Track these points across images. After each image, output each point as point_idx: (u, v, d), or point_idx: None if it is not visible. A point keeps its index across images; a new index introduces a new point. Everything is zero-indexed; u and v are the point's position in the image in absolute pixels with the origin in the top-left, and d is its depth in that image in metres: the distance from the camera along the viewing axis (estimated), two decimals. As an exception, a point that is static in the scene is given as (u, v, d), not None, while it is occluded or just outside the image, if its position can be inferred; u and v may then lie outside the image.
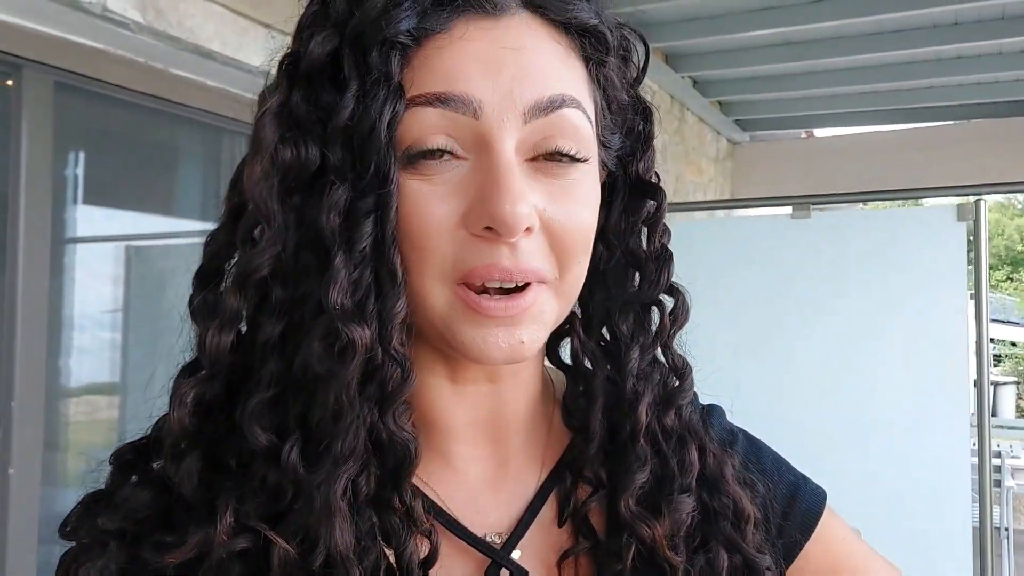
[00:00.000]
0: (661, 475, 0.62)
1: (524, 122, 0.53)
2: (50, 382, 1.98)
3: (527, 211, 0.51)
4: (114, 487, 0.57)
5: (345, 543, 0.51)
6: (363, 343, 0.51)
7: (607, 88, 0.61)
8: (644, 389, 0.63)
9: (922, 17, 3.80)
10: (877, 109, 5.23)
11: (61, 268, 2.05)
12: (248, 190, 0.53)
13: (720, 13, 3.89)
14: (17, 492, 1.86)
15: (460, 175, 0.53)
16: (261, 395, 0.53)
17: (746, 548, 0.63)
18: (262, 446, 0.52)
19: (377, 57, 0.51)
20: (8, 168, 1.86)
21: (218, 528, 0.51)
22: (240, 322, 0.54)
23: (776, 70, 4.63)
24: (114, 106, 2.12)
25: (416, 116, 0.52)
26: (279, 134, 0.52)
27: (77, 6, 1.81)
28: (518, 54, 0.54)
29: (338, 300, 0.50)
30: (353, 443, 0.51)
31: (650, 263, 0.64)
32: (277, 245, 0.52)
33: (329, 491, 0.50)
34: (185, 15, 2.01)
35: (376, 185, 0.51)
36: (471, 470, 0.62)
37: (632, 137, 0.64)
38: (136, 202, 2.33)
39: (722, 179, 5.79)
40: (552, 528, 0.62)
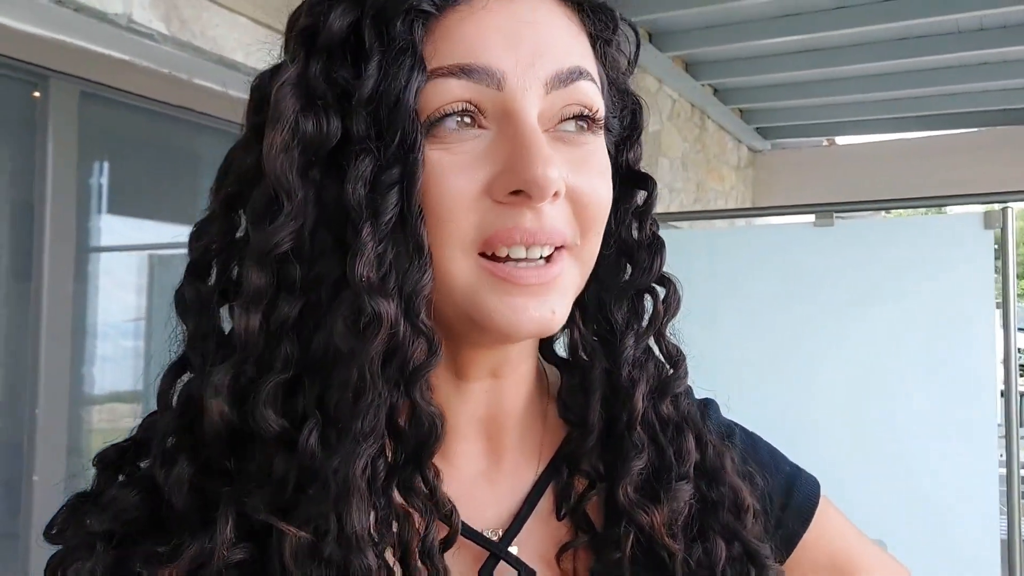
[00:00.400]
0: (659, 463, 0.62)
1: (546, 92, 0.54)
2: (73, 390, 2.00)
3: (557, 174, 0.51)
4: (100, 488, 0.56)
5: (362, 524, 0.49)
6: (388, 317, 0.49)
7: (611, 69, 0.62)
8: (639, 377, 0.63)
9: (947, 23, 3.77)
10: (900, 116, 5.19)
11: (85, 276, 2.07)
12: (267, 163, 0.51)
13: (740, 20, 3.87)
14: (41, 498, 1.87)
15: (482, 146, 0.53)
16: (275, 378, 0.51)
17: (747, 537, 0.63)
18: (273, 433, 0.51)
19: (401, 26, 0.51)
20: (34, 177, 1.89)
21: (217, 541, 0.50)
22: (265, 302, 0.52)
23: (797, 77, 4.60)
24: (139, 116, 2.14)
25: (438, 87, 0.52)
26: (299, 105, 0.52)
27: (103, 18, 1.83)
28: (536, 27, 0.54)
29: (364, 273, 0.49)
30: (374, 422, 0.50)
31: (642, 251, 0.65)
32: (298, 220, 0.51)
33: (348, 471, 0.49)
34: (208, 25, 2.03)
35: (402, 155, 0.51)
36: (467, 466, 0.62)
37: (624, 126, 0.65)
38: (160, 211, 2.35)
39: (743, 187, 5.76)
40: (550, 522, 0.62)
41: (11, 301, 1.90)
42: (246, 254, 0.53)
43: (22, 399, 1.89)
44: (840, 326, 2.34)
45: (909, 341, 2.27)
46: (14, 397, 1.91)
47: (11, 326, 1.91)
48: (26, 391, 1.89)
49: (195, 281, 0.56)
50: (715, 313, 2.33)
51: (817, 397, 2.31)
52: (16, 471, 1.89)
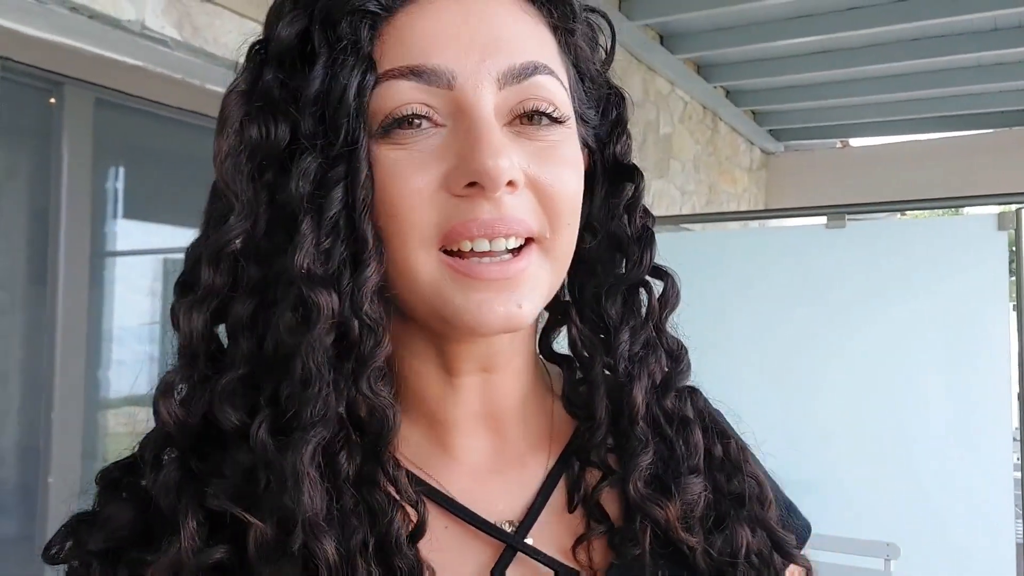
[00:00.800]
0: (668, 457, 0.62)
1: (499, 88, 0.54)
2: (89, 393, 2.01)
3: (508, 164, 0.51)
4: (99, 507, 0.56)
5: (315, 510, 0.49)
6: (329, 307, 0.50)
7: (579, 59, 0.62)
8: (639, 372, 0.63)
9: (961, 23, 3.74)
10: (915, 117, 5.16)
11: (100, 281, 2.09)
12: (216, 168, 0.54)
13: (753, 22, 3.86)
14: (56, 501, 1.89)
15: (438, 142, 0.53)
16: (232, 374, 0.53)
17: (773, 526, 0.63)
18: (232, 426, 0.52)
19: (346, 27, 0.52)
20: (49, 182, 1.90)
21: (182, 535, 0.50)
22: (214, 300, 0.54)
23: (810, 79, 4.59)
24: (152, 121, 2.16)
25: (390, 89, 0.52)
26: (245, 111, 0.53)
27: (117, 24, 1.85)
28: (488, 22, 0.54)
29: (304, 264, 0.50)
30: (323, 410, 0.50)
31: (633, 245, 0.64)
32: (247, 221, 0.53)
33: (296, 457, 0.49)
34: (221, 32, 2.05)
35: (346, 153, 0.51)
36: (474, 461, 0.62)
37: (607, 119, 0.65)
38: (173, 215, 2.37)
39: (756, 189, 5.75)
40: (563, 515, 0.62)
41: (27, 305, 1.92)
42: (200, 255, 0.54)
43: (38, 402, 1.91)
44: (852, 328, 2.33)
45: (922, 343, 2.26)
46: (30, 400, 1.92)
47: (27, 330, 1.93)
48: (42, 395, 1.90)
49: (184, 295, 0.57)
50: (727, 315, 2.32)
51: (829, 399, 2.30)
52: (32, 474, 1.91)
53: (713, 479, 0.63)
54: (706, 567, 0.60)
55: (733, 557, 0.60)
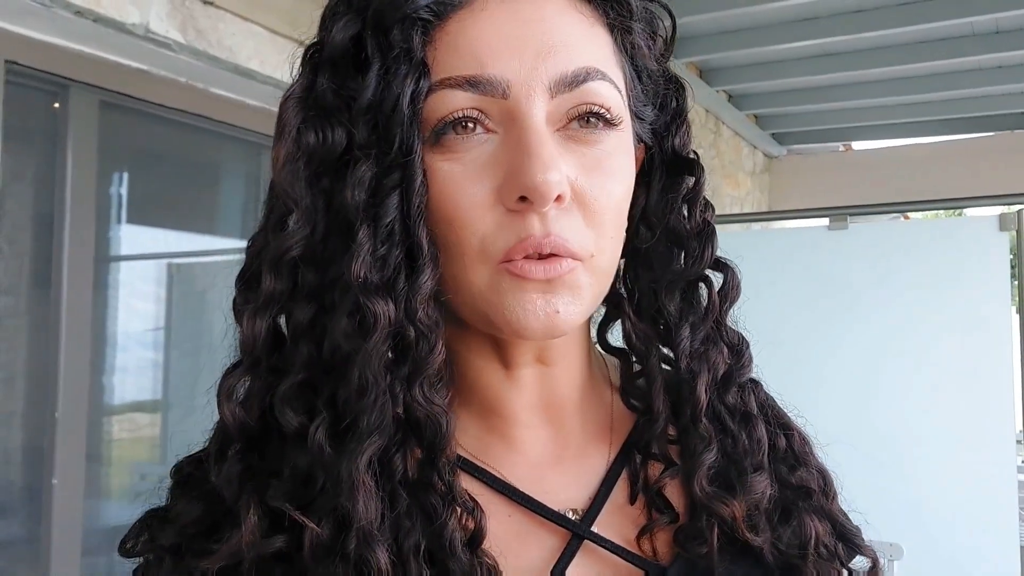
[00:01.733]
0: (732, 452, 0.62)
1: (551, 96, 0.53)
2: (94, 396, 2.02)
3: (558, 177, 0.51)
4: (171, 503, 0.58)
5: (370, 518, 0.50)
6: (386, 316, 0.51)
7: (635, 57, 0.60)
8: (700, 368, 0.62)
9: (962, 26, 3.74)
10: (918, 120, 5.15)
11: (105, 286, 2.10)
12: (274, 175, 0.54)
13: (755, 26, 3.86)
14: (60, 502, 1.89)
15: (490, 151, 0.53)
16: (292, 378, 0.54)
17: (840, 519, 0.63)
18: (293, 429, 0.53)
19: (398, 34, 0.52)
20: (54, 185, 1.91)
21: (243, 528, 0.51)
22: (275, 307, 0.55)
23: (813, 82, 4.58)
24: (157, 125, 2.17)
25: (445, 97, 0.52)
26: (302, 117, 0.54)
27: (121, 28, 1.86)
28: (540, 27, 0.54)
29: (361, 273, 0.51)
30: (379, 419, 0.51)
31: (692, 240, 0.63)
32: (307, 227, 0.53)
33: (352, 465, 0.50)
34: (225, 35, 2.06)
35: (401, 160, 0.52)
36: (534, 452, 0.62)
37: (666, 112, 0.64)
38: (178, 219, 2.38)
39: (759, 193, 5.75)
40: (625, 506, 0.62)
41: (32, 308, 1.93)
42: (263, 261, 0.55)
43: (43, 404, 1.92)
44: (854, 329, 2.33)
45: (925, 345, 2.26)
46: (35, 402, 1.93)
47: (32, 332, 1.93)
48: (47, 396, 1.91)
49: (245, 289, 0.58)
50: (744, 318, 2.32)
51: (832, 400, 2.30)
52: (37, 475, 1.92)
53: (777, 471, 0.63)
54: (774, 561, 0.60)
55: (802, 549, 0.60)
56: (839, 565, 0.62)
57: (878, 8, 3.59)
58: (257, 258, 0.57)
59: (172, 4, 1.94)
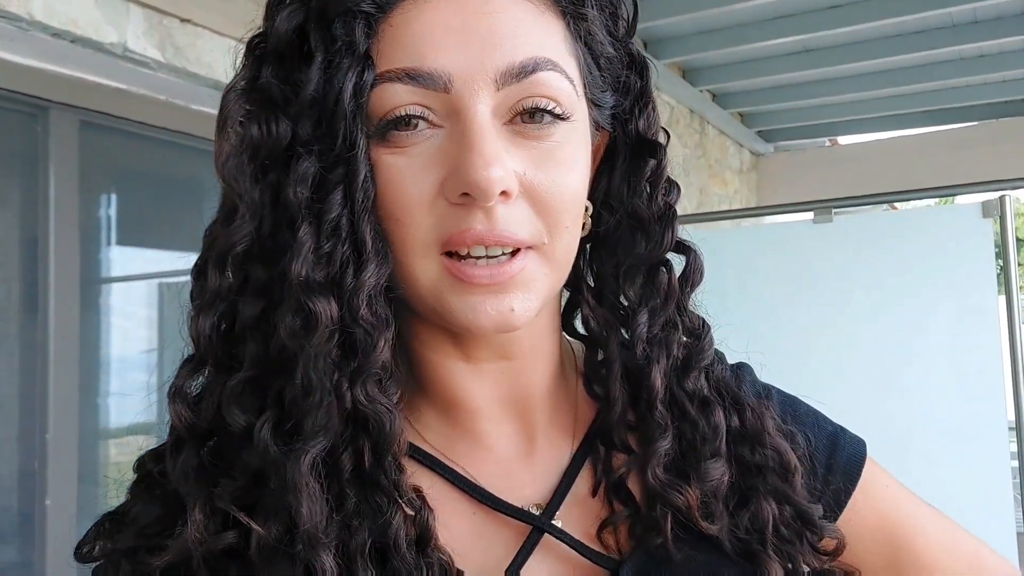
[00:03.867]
0: (691, 437, 0.61)
1: (497, 88, 0.52)
2: (84, 419, 2.01)
3: (500, 174, 0.50)
4: (129, 503, 0.57)
5: (313, 521, 0.49)
6: (327, 314, 0.50)
7: (591, 43, 0.59)
8: (658, 355, 0.61)
9: (941, 17, 3.77)
10: (903, 112, 5.18)
11: (93, 307, 2.09)
12: (217, 169, 0.53)
13: (735, 24, 3.89)
14: (54, 522, 1.89)
15: (436, 145, 0.52)
16: (240, 376, 0.53)
17: (797, 499, 0.61)
18: (240, 427, 0.52)
19: (341, 27, 0.51)
20: (37, 207, 1.91)
21: (189, 525, 0.50)
22: (223, 302, 0.54)
23: (796, 78, 4.61)
24: (139, 143, 2.17)
25: (387, 90, 0.51)
26: (245, 110, 0.53)
27: (99, 48, 1.86)
28: (487, 18, 0.52)
29: (302, 272, 0.50)
30: (324, 419, 0.50)
31: (653, 223, 0.62)
32: (253, 221, 0.52)
33: (295, 468, 0.49)
34: (203, 51, 2.06)
35: (344, 155, 0.51)
36: (500, 446, 0.62)
37: (628, 94, 0.62)
38: (165, 239, 2.37)
39: (747, 191, 5.76)
40: (588, 498, 0.61)
41: (22, 333, 1.92)
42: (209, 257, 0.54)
43: (33, 427, 1.91)
44: (842, 322, 2.34)
45: (912, 334, 2.27)
46: (27, 425, 1.92)
47: (23, 357, 1.93)
48: (36, 418, 1.91)
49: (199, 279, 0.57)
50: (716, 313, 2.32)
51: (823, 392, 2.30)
52: (30, 499, 1.91)
53: (735, 452, 0.62)
54: (732, 548, 0.59)
55: (760, 533, 0.59)
56: (804, 546, 0.61)
57: (854, 3, 3.62)
58: (210, 250, 0.56)
59: (149, 22, 1.95)
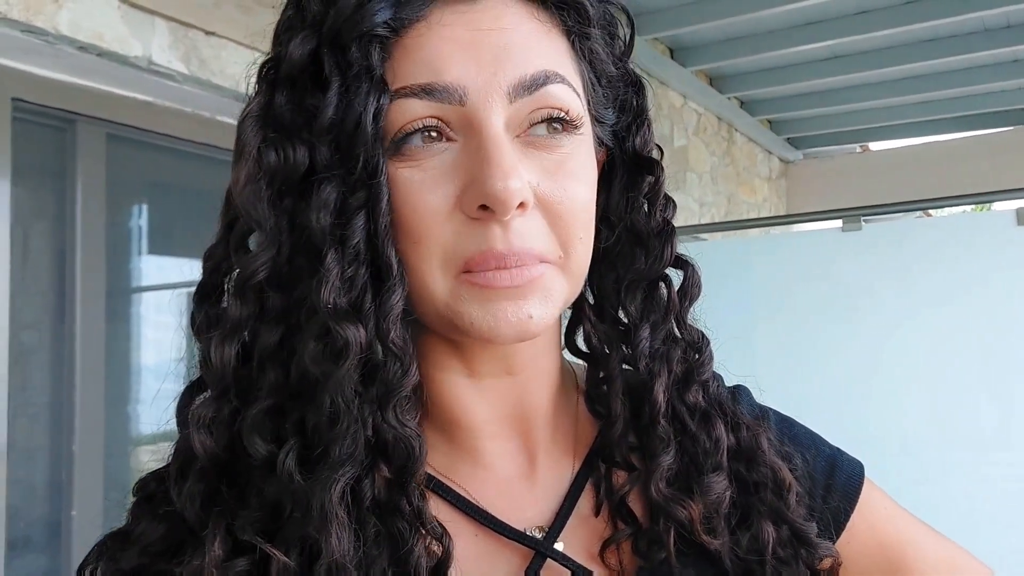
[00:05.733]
0: (692, 452, 0.61)
1: (510, 102, 0.53)
2: (110, 428, 2.03)
3: (519, 185, 0.50)
4: (132, 523, 0.57)
5: (343, 552, 0.49)
6: (358, 342, 0.50)
7: (594, 61, 0.60)
8: (660, 369, 0.61)
9: (974, 21, 3.71)
10: (933, 118, 5.10)
11: (120, 317, 2.11)
12: (235, 196, 0.53)
13: (763, 31, 3.85)
14: (80, 532, 1.90)
15: (451, 159, 0.52)
16: (260, 405, 0.52)
17: (792, 518, 0.61)
18: (261, 457, 0.52)
19: (357, 52, 0.51)
20: (65, 220, 1.93)
21: (207, 557, 0.50)
22: (243, 332, 0.54)
23: (825, 85, 4.56)
24: (164, 155, 2.19)
25: (401, 107, 0.52)
26: (262, 136, 0.53)
27: (125, 61, 1.88)
28: (497, 35, 0.53)
29: (330, 299, 0.50)
30: (352, 448, 0.50)
31: (653, 239, 0.63)
32: (272, 249, 0.52)
33: (325, 497, 0.49)
34: (228, 63, 2.08)
35: (365, 180, 0.51)
36: (501, 466, 0.61)
37: (627, 113, 0.63)
38: (192, 248, 2.39)
39: (776, 198, 5.70)
40: (591, 518, 0.61)
41: (52, 343, 1.94)
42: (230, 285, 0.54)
43: (61, 438, 1.93)
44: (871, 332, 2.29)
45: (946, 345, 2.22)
46: (55, 437, 1.94)
47: (49, 367, 1.95)
48: (63, 429, 1.92)
49: (203, 303, 0.57)
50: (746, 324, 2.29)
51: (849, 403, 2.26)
52: (56, 509, 1.93)
53: (732, 470, 0.62)
54: (733, 566, 0.59)
55: (760, 554, 0.59)
56: (801, 567, 0.60)
57: (884, 8, 3.57)
58: (216, 273, 0.56)
59: (174, 35, 1.97)
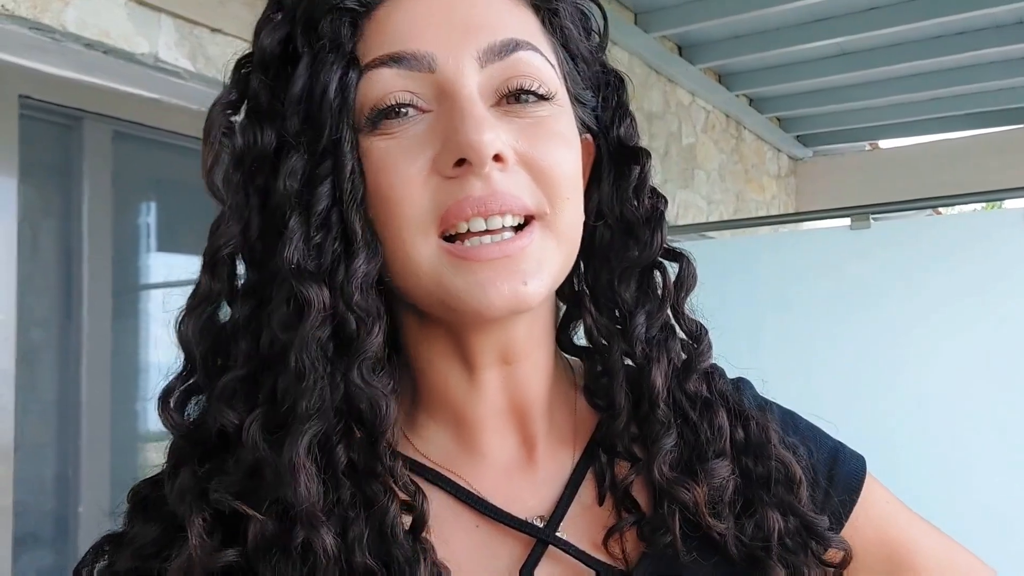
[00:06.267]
0: (693, 441, 0.62)
1: (480, 67, 0.54)
2: (116, 424, 2.03)
3: (492, 136, 0.51)
4: (128, 525, 0.57)
5: (311, 500, 0.49)
6: (320, 300, 0.51)
7: (567, 39, 0.61)
8: (658, 356, 0.62)
9: (984, 17, 3.68)
10: (943, 116, 5.06)
11: (127, 314, 2.12)
12: (204, 177, 0.55)
13: (772, 28, 3.83)
14: (86, 528, 1.91)
15: (426, 127, 0.53)
16: (231, 375, 0.53)
17: (803, 510, 0.61)
18: (232, 426, 0.52)
19: (327, 27, 0.53)
20: (71, 218, 1.94)
21: (190, 535, 0.50)
22: (210, 306, 0.55)
23: (835, 82, 4.53)
24: (171, 153, 2.20)
25: (374, 79, 0.53)
26: (227, 121, 0.55)
27: (131, 59, 1.88)
28: (466, 5, 0.55)
29: (293, 259, 0.51)
30: (318, 402, 0.51)
31: (642, 226, 0.64)
32: (238, 224, 0.54)
33: (292, 451, 0.50)
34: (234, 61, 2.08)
35: (331, 149, 0.52)
36: (501, 457, 0.62)
37: (609, 105, 0.65)
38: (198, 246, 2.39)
39: (786, 196, 5.68)
40: (593, 507, 0.62)
41: (60, 341, 1.95)
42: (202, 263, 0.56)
43: (68, 435, 1.94)
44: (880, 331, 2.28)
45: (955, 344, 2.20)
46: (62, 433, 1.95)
47: (56, 364, 1.95)
48: (70, 425, 1.93)
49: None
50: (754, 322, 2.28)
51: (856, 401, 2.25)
52: (64, 505, 1.93)
53: (740, 463, 0.62)
54: (738, 553, 0.59)
55: (765, 542, 0.59)
56: (810, 557, 0.60)
57: (893, 5, 3.55)
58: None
59: (180, 33, 1.97)
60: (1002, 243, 2.14)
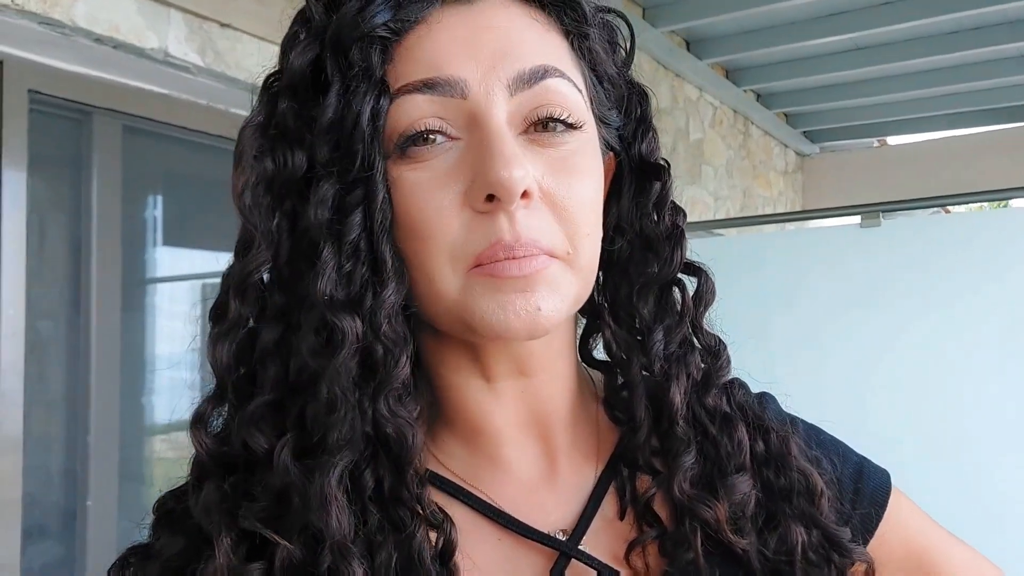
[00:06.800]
0: (714, 455, 0.61)
1: (510, 95, 0.53)
2: (125, 417, 2.04)
3: (521, 173, 0.51)
4: (154, 537, 0.57)
5: (343, 533, 0.50)
6: (353, 332, 0.51)
7: (595, 62, 0.61)
8: (677, 372, 0.62)
9: (996, 13, 3.66)
10: (954, 112, 5.04)
11: (136, 308, 2.12)
12: (234, 201, 0.55)
13: (780, 23, 3.82)
14: (95, 522, 1.92)
15: (456, 157, 0.53)
16: (259, 399, 0.53)
17: (825, 523, 0.61)
18: (262, 450, 0.53)
19: (357, 53, 0.52)
20: (81, 212, 1.94)
21: (218, 554, 0.51)
22: (241, 331, 0.55)
23: (844, 77, 4.51)
24: (180, 147, 2.20)
25: (404, 105, 0.53)
26: (259, 143, 0.54)
27: (141, 53, 1.89)
28: (496, 31, 0.54)
29: (326, 290, 0.51)
30: (349, 434, 0.51)
31: (662, 243, 0.63)
32: (269, 250, 0.54)
33: (324, 481, 0.50)
34: (243, 56, 2.08)
35: (363, 178, 0.52)
36: (523, 470, 0.62)
37: (632, 120, 0.64)
38: (207, 240, 2.40)
39: (793, 192, 5.67)
40: (615, 521, 0.61)
41: (69, 333, 1.96)
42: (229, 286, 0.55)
43: (77, 428, 1.95)
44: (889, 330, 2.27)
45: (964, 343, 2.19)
46: (71, 426, 1.96)
47: (69, 357, 1.96)
48: (79, 419, 1.94)
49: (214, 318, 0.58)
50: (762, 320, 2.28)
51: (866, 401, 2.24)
52: (72, 498, 1.94)
53: (761, 475, 0.62)
54: (761, 567, 0.59)
55: (789, 556, 0.59)
56: (833, 570, 0.60)
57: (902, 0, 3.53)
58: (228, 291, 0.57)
59: (190, 28, 1.97)
60: (1016, 241, 2.13)
